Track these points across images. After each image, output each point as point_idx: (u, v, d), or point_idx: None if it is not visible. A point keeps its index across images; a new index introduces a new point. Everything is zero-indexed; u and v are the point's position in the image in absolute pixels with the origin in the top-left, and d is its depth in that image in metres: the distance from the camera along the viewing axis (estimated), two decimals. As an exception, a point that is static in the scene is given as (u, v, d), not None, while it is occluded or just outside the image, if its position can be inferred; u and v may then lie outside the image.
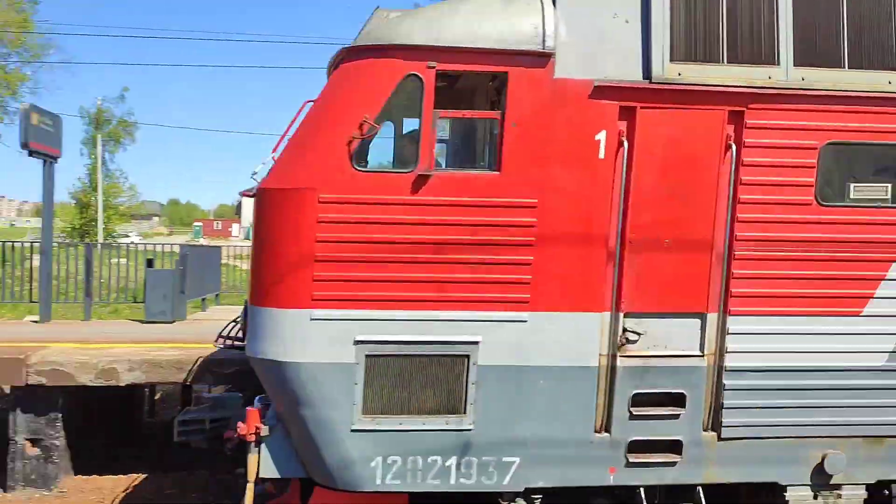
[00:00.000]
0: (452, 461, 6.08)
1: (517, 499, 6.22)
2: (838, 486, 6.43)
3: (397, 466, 6.05)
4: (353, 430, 6.00)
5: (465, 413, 6.06)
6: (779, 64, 6.21)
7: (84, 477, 9.82)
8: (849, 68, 6.27)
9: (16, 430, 9.43)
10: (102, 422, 10.83)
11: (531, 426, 6.09)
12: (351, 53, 6.07)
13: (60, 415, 9.47)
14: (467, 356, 6.03)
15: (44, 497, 9.37)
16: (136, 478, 9.86)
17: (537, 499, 6.25)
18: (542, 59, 5.96)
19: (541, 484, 6.16)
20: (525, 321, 6.04)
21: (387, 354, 5.98)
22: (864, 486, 6.47)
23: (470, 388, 6.04)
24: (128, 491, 9.46)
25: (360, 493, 6.10)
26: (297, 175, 5.97)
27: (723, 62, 6.18)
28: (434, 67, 5.92)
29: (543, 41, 5.96)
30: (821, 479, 6.39)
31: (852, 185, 6.35)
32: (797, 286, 6.23)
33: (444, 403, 6.05)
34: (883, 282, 6.31)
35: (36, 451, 9.44)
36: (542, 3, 6.06)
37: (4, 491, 9.42)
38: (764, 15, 6.22)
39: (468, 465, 6.09)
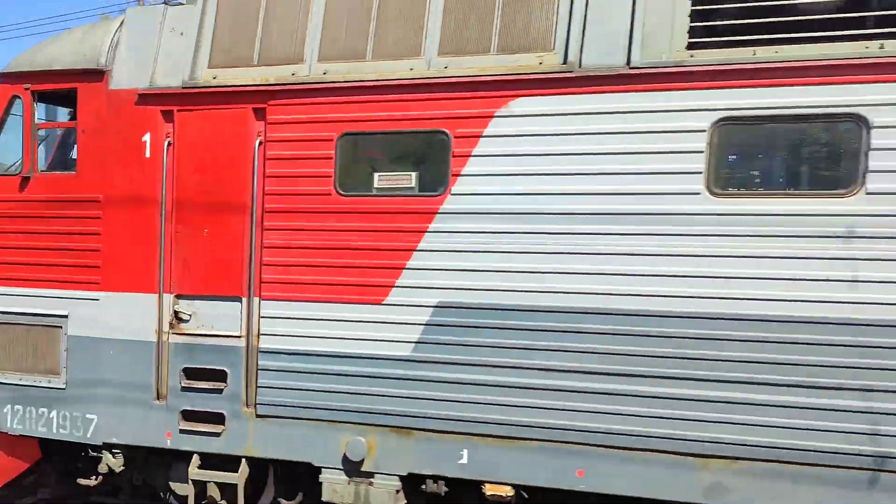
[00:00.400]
0: (54, 414, 7.31)
1: (102, 451, 7.26)
2: (371, 475, 6.47)
3: (20, 415, 7.43)
4: None
5: (60, 374, 7.25)
6: (304, 61, 6.48)
7: None
8: (373, 59, 6.32)
9: None
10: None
11: (105, 390, 7.08)
12: None
13: None
14: (60, 327, 7.22)
15: None
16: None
17: (118, 452, 7.22)
18: (98, 74, 6.95)
19: (115, 440, 7.12)
20: (98, 300, 7.07)
21: (8, 322, 7.41)
22: (396, 477, 6.42)
23: (63, 353, 7.23)
24: None
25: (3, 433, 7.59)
26: (-42, 179, 7.64)
27: (256, 64, 6.62)
28: (29, 88, 7.21)
29: (98, 59, 6.94)
30: (352, 465, 6.48)
31: (376, 175, 6.37)
32: (321, 273, 6.44)
33: (47, 365, 7.31)
34: (404, 271, 6.25)
35: None
36: (109, 27, 7.04)
37: None
38: (295, 19, 6.53)
39: (64, 419, 7.27)
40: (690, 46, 5.68)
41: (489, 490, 6.22)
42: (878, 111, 5.25)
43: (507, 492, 6.20)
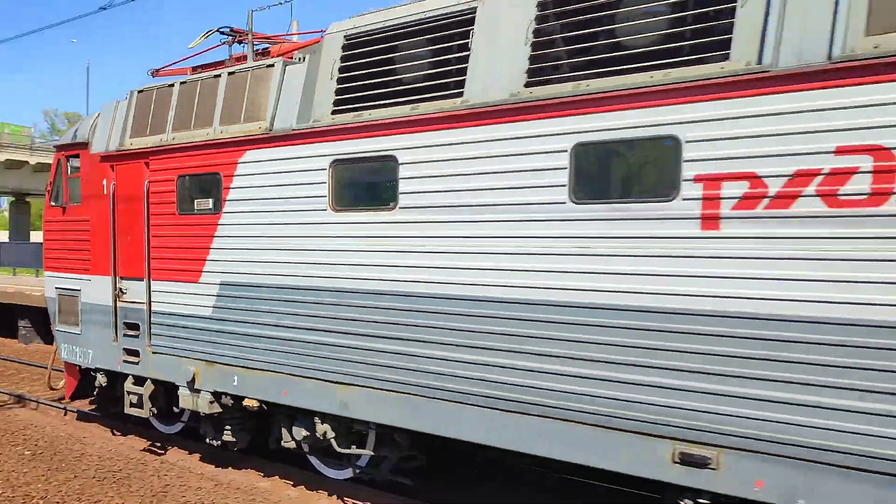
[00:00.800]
0: (77, 349, 12.09)
1: (96, 373, 11.87)
2: (199, 391, 10.21)
3: (67, 349, 12.36)
4: (57, 330, 12.54)
5: (78, 326, 12.02)
6: (166, 132, 10.46)
7: None
8: (193, 129, 10.13)
9: None
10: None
11: (95, 334, 11.68)
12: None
13: None
14: (78, 297, 11.99)
15: None
16: None
17: (103, 374, 11.76)
18: (87, 145, 11.60)
19: (99, 365, 11.68)
20: (90, 280, 11.70)
21: (61, 295, 12.37)
22: (210, 392, 10.08)
23: (80, 313, 11.98)
24: None
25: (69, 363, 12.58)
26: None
27: (147, 135, 10.74)
28: (63, 154, 12.11)
29: (86, 135, 11.59)
30: (189, 385, 10.28)
31: (196, 201, 10.12)
32: (173, 264, 10.36)
33: (74, 320, 12.12)
34: (206, 262, 9.93)
35: None
36: (95, 116, 11.65)
37: None
38: (166, 107, 10.54)
39: (81, 353, 12.01)
40: (333, 112, 8.66)
41: (245, 402, 9.66)
42: (403, 153, 7.87)
43: (255, 404, 9.60)
